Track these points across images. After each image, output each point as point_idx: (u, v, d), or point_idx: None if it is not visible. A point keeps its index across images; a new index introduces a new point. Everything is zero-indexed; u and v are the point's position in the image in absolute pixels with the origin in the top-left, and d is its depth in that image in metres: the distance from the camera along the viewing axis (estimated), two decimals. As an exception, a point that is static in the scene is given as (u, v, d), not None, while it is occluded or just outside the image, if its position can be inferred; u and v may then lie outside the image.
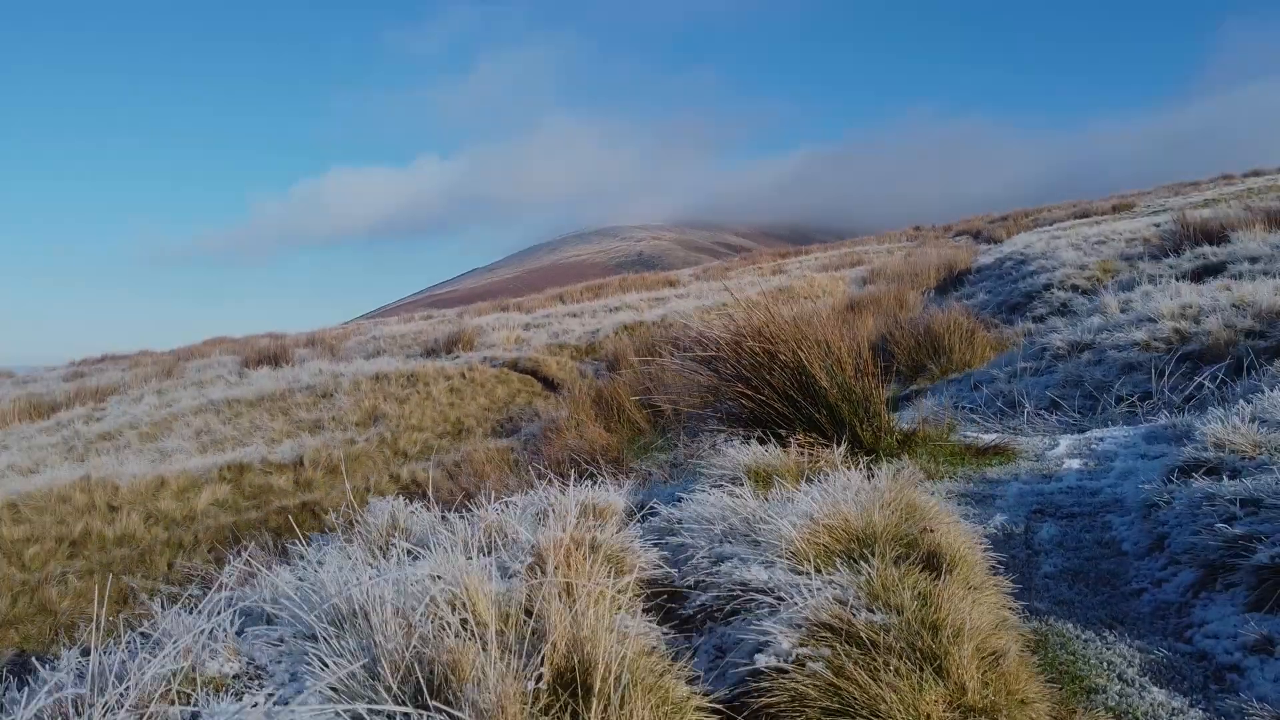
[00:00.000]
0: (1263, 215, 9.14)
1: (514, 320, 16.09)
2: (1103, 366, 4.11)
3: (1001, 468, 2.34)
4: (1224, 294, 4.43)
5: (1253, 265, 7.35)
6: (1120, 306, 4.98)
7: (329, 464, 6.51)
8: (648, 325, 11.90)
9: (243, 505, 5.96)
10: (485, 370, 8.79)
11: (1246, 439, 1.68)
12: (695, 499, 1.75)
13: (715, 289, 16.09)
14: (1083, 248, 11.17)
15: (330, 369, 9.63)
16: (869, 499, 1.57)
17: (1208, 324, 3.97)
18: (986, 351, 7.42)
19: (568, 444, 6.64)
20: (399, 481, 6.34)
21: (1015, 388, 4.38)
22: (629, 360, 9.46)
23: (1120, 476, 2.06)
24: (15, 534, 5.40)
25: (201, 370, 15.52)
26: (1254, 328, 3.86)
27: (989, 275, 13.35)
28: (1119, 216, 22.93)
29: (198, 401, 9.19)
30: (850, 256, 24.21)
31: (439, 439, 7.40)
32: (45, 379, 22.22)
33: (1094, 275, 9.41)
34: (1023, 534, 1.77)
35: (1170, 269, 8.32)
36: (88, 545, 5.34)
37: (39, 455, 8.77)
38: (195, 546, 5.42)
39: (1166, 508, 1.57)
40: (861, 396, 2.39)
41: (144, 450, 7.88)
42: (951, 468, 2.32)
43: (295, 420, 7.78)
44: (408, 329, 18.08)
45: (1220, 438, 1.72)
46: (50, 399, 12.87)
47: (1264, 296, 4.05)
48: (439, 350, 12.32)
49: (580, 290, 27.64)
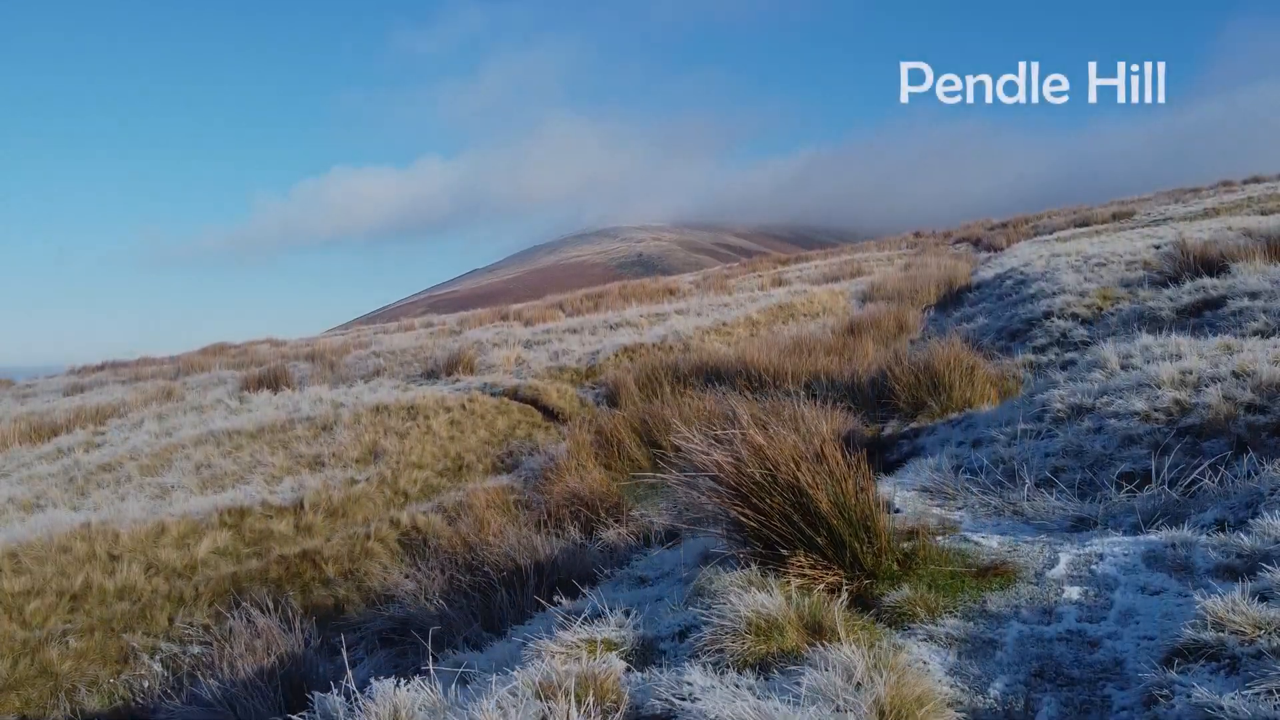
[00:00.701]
0: (1263, 243, 9.15)
1: (514, 335, 16.08)
2: (1103, 436, 4.11)
3: (1002, 595, 2.33)
4: (1224, 357, 4.43)
5: (1252, 301, 7.36)
6: (1120, 362, 4.98)
7: (329, 507, 6.52)
8: (648, 348, 11.91)
9: (243, 553, 5.96)
10: (485, 401, 8.79)
11: (1247, 618, 1.68)
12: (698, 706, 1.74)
13: (716, 304, 16.09)
14: (1082, 270, 11.16)
15: (330, 397, 9.63)
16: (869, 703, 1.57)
17: (1207, 395, 3.97)
18: (987, 388, 7.43)
19: (568, 486, 6.65)
20: (399, 527, 6.35)
21: (1015, 452, 4.38)
22: (629, 389, 9.47)
23: (1120, 620, 2.06)
24: (16, 586, 5.41)
25: (201, 389, 15.53)
26: (1254, 401, 3.87)
27: (989, 294, 13.35)
28: (1119, 226, 22.93)
29: (198, 431, 9.19)
30: (850, 265, 24.22)
31: (439, 476, 7.40)
32: (45, 390, 22.24)
33: (1094, 304, 9.42)
34: (1023, 711, 1.77)
35: (1170, 301, 8.33)
36: (88, 599, 5.35)
37: (39, 487, 8.77)
38: (196, 600, 5.43)
39: (1165, 704, 1.58)
40: (860, 517, 2.40)
41: (144, 485, 7.88)
42: (951, 598, 2.32)
43: (295, 455, 7.79)
44: (407, 342, 18.08)
45: (1220, 615, 1.72)
46: (50, 421, 12.87)
47: (1264, 367, 4.05)
48: (439, 372, 12.32)
49: (580, 299, 27.62)
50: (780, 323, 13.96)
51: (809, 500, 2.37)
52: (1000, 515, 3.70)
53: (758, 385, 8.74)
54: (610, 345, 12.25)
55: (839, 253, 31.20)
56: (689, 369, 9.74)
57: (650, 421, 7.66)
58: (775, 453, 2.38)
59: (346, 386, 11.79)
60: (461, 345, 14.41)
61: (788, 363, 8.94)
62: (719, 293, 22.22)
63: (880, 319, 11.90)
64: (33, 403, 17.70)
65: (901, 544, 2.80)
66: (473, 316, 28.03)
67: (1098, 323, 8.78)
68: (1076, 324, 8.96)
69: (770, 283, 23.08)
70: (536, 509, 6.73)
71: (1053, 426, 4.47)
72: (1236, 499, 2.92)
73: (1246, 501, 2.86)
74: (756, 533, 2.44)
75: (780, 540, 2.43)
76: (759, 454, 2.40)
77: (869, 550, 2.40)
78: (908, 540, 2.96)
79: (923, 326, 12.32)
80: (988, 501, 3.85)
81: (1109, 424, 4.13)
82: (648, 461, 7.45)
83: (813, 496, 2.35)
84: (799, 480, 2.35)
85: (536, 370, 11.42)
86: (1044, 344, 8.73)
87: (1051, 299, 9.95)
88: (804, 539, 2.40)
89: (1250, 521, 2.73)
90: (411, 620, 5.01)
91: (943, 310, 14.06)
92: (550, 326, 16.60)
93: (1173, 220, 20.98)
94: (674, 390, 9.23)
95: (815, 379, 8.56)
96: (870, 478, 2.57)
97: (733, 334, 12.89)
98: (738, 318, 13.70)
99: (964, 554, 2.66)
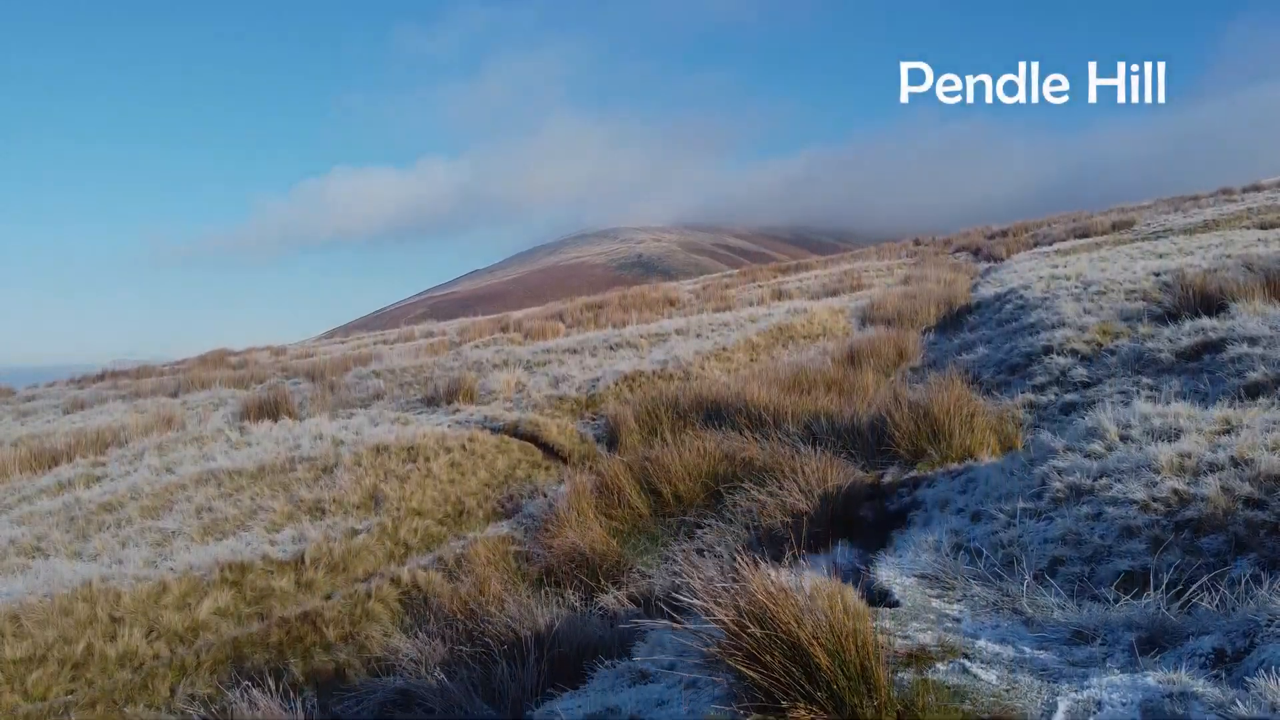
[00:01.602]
0: (1261, 279, 9.16)
1: (514, 355, 16.10)
2: (1102, 524, 4.12)
3: (1000, 755, 2.35)
4: (1223, 438, 4.44)
5: (1251, 348, 7.38)
6: (1119, 433, 4.99)
7: (330, 561, 6.54)
8: (648, 375, 11.92)
9: (244, 613, 5.98)
10: (486, 440, 8.81)
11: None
12: None
13: (715, 323, 16.10)
14: (1082, 299, 11.18)
15: (330, 433, 9.65)
16: None
17: (1206, 487, 3.98)
18: (987, 435, 7.45)
19: (569, 540, 6.67)
20: (399, 585, 6.36)
21: (1015, 536, 4.40)
22: (629, 426, 9.49)
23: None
24: (19, 652, 5.42)
25: (202, 410, 15.55)
26: (1252, 495, 3.88)
27: (989, 318, 13.36)
28: (1119, 238, 22.93)
29: (198, 469, 9.21)
30: (850, 277, 24.23)
31: (439, 525, 7.42)
32: (45, 403, 22.26)
33: (1094, 339, 9.44)
34: None
35: (1169, 342, 8.34)
36: (90, 667, 5.36)
37: (40, 528, 8.79)
38: (198, 669, 5.44)
39: None
40: (859, 670, 2.41)
41: (145, 530, 7.90)
42: (950, 762, 2.33)
43: (296, 500, 7.81)
44: (407, 359, 18.07)
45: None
46: (51, 447, 12.89)
47: (1262, 455, 4.06)
48: (439, 399, 12.35)
49: (580, 308, 27.68)
50: (780, 345, 13.97)
51: (808, 656, 2.38)
52: (999, 612, 3.72)
53: (758, 424, 8.75)
54: (610, 372, 12.26)
55: (839, 261, 31.22)
56: (689, 403, 9.75)
57: (650, 468, 7.67)
58: (777, 610, 2.39)
59: (346, 416, 11.81)
60: (462, 370, 14.43)
61: (787, 401, 8.95)
62: (719, 305, 22.23)
63: (879, 346, 11.91)
64: (33, 422, 17.74)
65: (900, 673, 2.81)
66: (473, 326, 28.05)
67: (1097, 361, 8.78)
68: (1076, 361, 8.97)
69: (770, 295, 23.07)
70: (537, 562, 6.75)
71: (1052, 507, 4.48)
72: (1234, 625, 2.94)
73: (1244, 630, 2.87)
74: (757, 684, 2.45)
75: (780, 692, 2.44)
76: (760, 614, 2.41)
77: (869, 705, 2.41)
78: (906, 665, 2.97)
79: (922, 353, 12.33)
80: (987, 597, 3.86)
81: (1108, 511, 4.14)
82: (648, 510, 7.47)
83: (812, 654, 2.36)
84: (799, 639, 2.36)
85: (536, 399, 11.44)
86: (1043, 382, 8.74)
87: (1051, 332, 9.96)
88: (804, 692, 2.42)
89: (1248, 655, 2.75)
90: (412, 692, 5.04)
91: (943, 332, 14.07)
92: (550, 345, 16.61)
93: (1173, 233, 20.97)
94: (674, 428, 9.25)
95: (815, 419, 8.56)
96: (869, 621, 2.58)
97: (733, 359, 12.90)
98: (738, 341, 13.70)
99: (963, 692, 2.67)
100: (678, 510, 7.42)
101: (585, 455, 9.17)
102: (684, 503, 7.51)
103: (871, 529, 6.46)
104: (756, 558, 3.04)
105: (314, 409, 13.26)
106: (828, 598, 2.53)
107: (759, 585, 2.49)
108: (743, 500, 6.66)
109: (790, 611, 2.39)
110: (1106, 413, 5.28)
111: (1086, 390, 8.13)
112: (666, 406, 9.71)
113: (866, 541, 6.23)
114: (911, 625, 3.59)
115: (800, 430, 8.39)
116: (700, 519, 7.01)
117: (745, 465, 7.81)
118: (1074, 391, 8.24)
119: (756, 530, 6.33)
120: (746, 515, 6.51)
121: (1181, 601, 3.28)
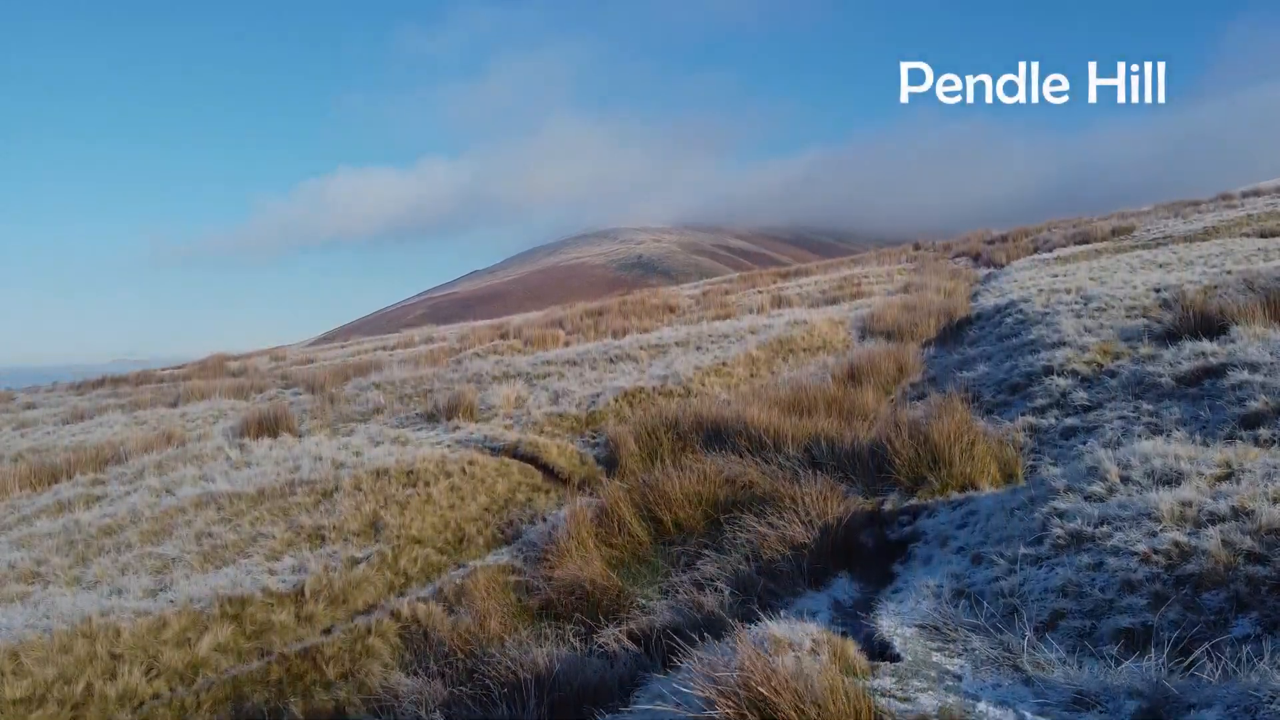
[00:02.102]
0: (1261, 299, 9.16)
1: (514, 367, 16.10)
2: (1103, 575, 4.11)
3: None
4: (1224, 485, 4.44)
5: (1252, 375, 7.37)
6: (1120, 474, 4.98)
7: (330, 594, 6.53)
8: (648, 392, 11.91)
9: (244, 649, 5.97)
10: (486, 463, 8.80)
11: None
12: None
13: (715, 334, 16.08)
14: (1083, 316, 11.17)
15: (330, 454, 9.65)
16: None
17: (1207, 540, 3.97)
18: (988, 461, 7.44)
19: (569, 571, 6.66)
20: (399, 619, 6.36)
21: (1015, 584, 4.39)
22: (629, 447, 9.48)
23: None
24: (18, 692, 5.42)
25: (202, 423, 15.55)
26: (1254, 549, 3.87)
27: (989, 332, 13.35)
28: (1119, 245, 22.92)
29: (198, 492, 9.21)
30: (850, 283, 24.23)
31: (440, 553, 7.41)
32: (45, 412, 22.23)
33: (1094, 359, 9.44)
34: None
35: (1169, 366, 8.32)
36: (89, 707, 5.36)
37: (40, 551, 8.79)
38: (198, 709, 5.44)
39: None
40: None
41: (145, 556, 7.90)
42: None
43: (296, 526, 7.80)
44: (407, 370, 18.04)
45: None
46: (50, 463, 12.89)
47: (1263, 506, 4.05)
48: (439, 415, 12.34)
49: (580, 315, 27.69)
50: (780, 359, 13.96)
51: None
52: (1000, 670, 3.71)
53: (759, 446, 8.74)
54: (611, 388, 12.25)
55: (839, 266, 31.18)
56: (689, 424, 9.74)
57: (650, 495, 7.66)
58: (778, 700, 2.38)
59: (346, 434, 11.81)
60: (462, 383, 14.42)
61: (788, 423, 8.94)
62: (719, 312, 22.22)
63: (879, 361, 11.89)
64: (32, 434, 17.72)
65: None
66: (472, 333, 28.04)
67: (1097, 383, 8.77)
68: (1077, 383, 8.95)
69: (770, 301, 23.05)
70: (537, 594, 6.74)
71: (1053, 554, 4.47)
72: (1236, 697, 2.93)
73: (1246, 704, 2.86)
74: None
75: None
76: (760, 701, 2.40)
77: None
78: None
79: (923, 368, 12.32)
80: (988, 652, 3.86)
81: (1109, 562, 4.13)
82: (649, 538, 7.46)
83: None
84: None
85: (536, 417, 11.44)
86: (1044, 405, 8.73)
87: (1052, 351, 9.95)
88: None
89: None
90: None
91: (943, 345, 14.05)
92: (550, 356, 16.59)
93: (1173, 240, 20.97)
94: (674, 450, 9.25)
95: (815, 442, 8.55)
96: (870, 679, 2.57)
97: (733, 374, 12.89)
98: (738, 355, 13.69)
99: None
100: (678, 538, 7.42)
101: (586, 477, 9.16)
102: (685, 530, 7.51)
103: (872, 558, 6.45)
104: (754, 609, 3.03)
105: (314, 424, 13.26)
106: (825, 667, 2.52)
107: (760, 674, 2.48)
108: (743, 533, 6.64)
109: (790, 700, 2.38)
110: (1107, 452, 5.28)
111: (1087, 414, 8.11)
112: (667, 427, 9.71)
113: (867, 573, 6.22)
114: (913, 684, 3.58)
115: (800, 454, 8.38)
116: (701, 548, 7.00)
117: (746, 490, 7.81)
118: (1074, 415, 8.22)
119: (757, 563, 6.32)
120: (747, 546, 6.50)
121: (1185, 664, 3.27)
